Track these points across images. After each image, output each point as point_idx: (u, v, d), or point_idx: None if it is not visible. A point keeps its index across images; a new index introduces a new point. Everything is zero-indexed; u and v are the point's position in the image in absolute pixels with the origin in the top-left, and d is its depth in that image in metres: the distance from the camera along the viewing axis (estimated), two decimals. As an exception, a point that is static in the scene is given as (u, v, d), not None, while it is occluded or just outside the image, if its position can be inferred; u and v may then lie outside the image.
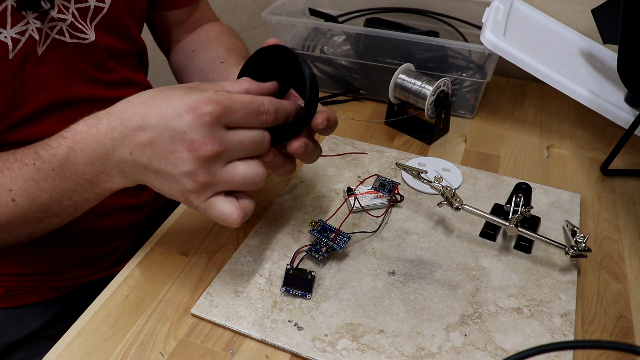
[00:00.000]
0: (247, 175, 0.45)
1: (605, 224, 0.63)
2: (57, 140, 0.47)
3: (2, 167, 0.48)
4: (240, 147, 0.44)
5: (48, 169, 0.46)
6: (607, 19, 0.78)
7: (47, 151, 0.47)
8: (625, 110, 0.74)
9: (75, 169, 0.46)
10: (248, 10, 1.21)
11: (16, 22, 0.53)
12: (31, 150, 0.48)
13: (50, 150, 0.47)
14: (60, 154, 0.46)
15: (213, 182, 0.44)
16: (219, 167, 0.44)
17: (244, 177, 0.45)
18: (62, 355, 0.48)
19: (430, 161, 0.72)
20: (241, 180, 0.44)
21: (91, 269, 0.70)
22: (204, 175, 0.43)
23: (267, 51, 0.51)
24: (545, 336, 0.49)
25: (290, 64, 0.50)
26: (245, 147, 0.44)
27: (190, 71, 0.75)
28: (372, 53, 0.86)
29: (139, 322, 0.50)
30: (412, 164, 0.70)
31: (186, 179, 0.43)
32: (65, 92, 0.60)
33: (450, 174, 0.69)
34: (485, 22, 0.77)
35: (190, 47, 0.76)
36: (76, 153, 0.46)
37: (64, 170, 0.46)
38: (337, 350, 0.47)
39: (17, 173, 0.47)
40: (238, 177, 0.44)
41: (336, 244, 0.55)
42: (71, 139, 0.46)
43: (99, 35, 0.61)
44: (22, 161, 0.47)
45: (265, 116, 0.45)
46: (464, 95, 0.84)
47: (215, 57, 0.71)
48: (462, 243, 0.59)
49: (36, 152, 0.48)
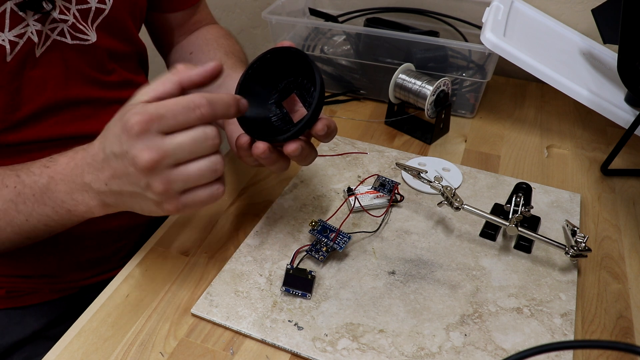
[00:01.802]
0: (202, 167, 0.44)
1: (605, 224, 0.63)
2: (39, 167, 0.49)
3: None
4: (181, 149, 0.43)
5: (28, 194, 0.48)
6: (607, 18, 0.78)
7: (29, 177, 0.49)
8: (625, 110, 0.74)
9: (55, 197, 0.48)
10: (248, 10, 1.21)
11: (15, 24, 0.53)
12: (13, 173, 0.49)
13: (32, 177, 0.49)
14: (41, 182, 0.48)
15: (171, 186, 0.43)
16: (170, 171, 0.43)
17: (198, 169, 0.44)
18: (62, 355, 0.48)
19: (430, 161, 0.72)
20: (197, 173, 0.43)
21: (93, 271, 0.70)
22: (158, 183, 0.42)
23: (281, 52, 0.50)
24: (545, 336, 0.49)
25: (301, 68, 0.50)
26: (187, 147, 0.43)
27: None
28: (372, 53, 0.86)
29: (139, 322, 0.50)
30: (412, 164, 0.70)
31: (149, 192, 0.43)
32: (64, 94, 0.60)
33: (450, 174, 0.69)
34: (485, 22, 0.77)
35: (188, 49, 0.76)
36: (57, 182, 0.48)
37: (43, 197, 0.48)
38: (337, 350, 0.47)
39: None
40: (193, 171, 0.43)
41: (336, 243, 0.55)
42: (52, 168, 0.48)
43: (100, 36, 0.61)
44: (2, 182, 0.49)
45: (199, 110, 0.43)
46: (464, 95, 0.84)
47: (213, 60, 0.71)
48: (462, 243, 0.59)
49: (18, 175, 0.49)
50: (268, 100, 0.53)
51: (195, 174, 0.43)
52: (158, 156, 0.42)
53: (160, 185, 0.42)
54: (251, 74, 0.51)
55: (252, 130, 0.49)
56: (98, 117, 0.65)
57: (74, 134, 0.62)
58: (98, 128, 0.64)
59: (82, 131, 0.63)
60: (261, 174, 0.70)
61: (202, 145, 0.43)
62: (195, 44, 0.76)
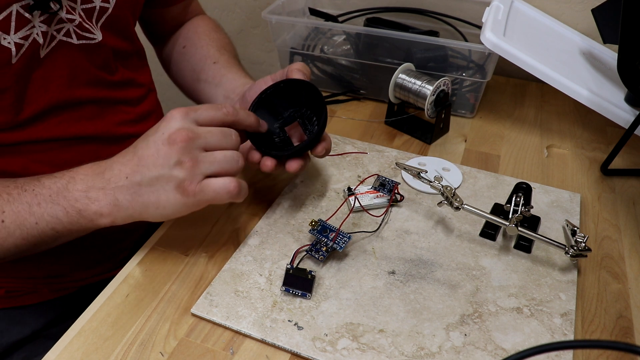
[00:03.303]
0: (227, 154, 0.50)
1: (605, 224, 0.63)
2: (62, 172, 0.52)
3: (1, 192, 0.51)
4: (211, 135, 0.50)
5: (45, 194, 0.50)
6: (607, 18, 0.78)
7: (49, 179, 0.51)
8: (625, 110, 0.74)
9: (70, 196, 0.50)
10: (248, 9, 1.21)
11: (20, 27, 0.53)
12: (34, 179, 0.52)
13: (52, 179, 0.51)
14: (61, 182, 0.51)
15: (198, 163, 0.49)
16: (199, 152, 0.49)
17: (223, 155, 0.50)
18: (62, 354, 0.48)
19: (430, 161, 0.72)
20: (222, 158, 0.50)
21: (93, 271, 0.70)
22: (188, 159, 0.48)
23: (294, 83, 0.58)
24: (545, 336, 0.49)
25: (308, 99, 0.58)
26: (216, 135, 0.50)
27: (183, 67, 0.78)
28: (372, 53, 0.86)
29: (139, 322, 0.50)
30: (412, 164, 0.70)
31: (176, 169, 0.48)
32: (68, 93, 0.60)
33: (450, 174, 0.69)
34: (485, 22, 0.77)
35: (181, 43, 0.78)
36: (76, 182, 0.50)
37: (59, 196, 0.50)
38: (337, 350, 0.47)
39: (14, 197, 0.50)
40: (219, 156, 0.50)
41: (336, 243, 0.55)
42: (75, 171, 0.51)
43: (105, 35, 0.62)
44: (22, 187, 0.51)
45: (225, 109, 0.52)
46: (464, 95, 0.84)
47: (207, 56, 0.75)
48: (462, 243, 0.59)
49: (39, 180, 0.51)
50: (273, 124, 0.60)
51: (220, 158, 0.50)
52: (193, 134, 0.49)
53: (189, 162, 0.48)
54: (264, 99, 0.59)
55: (260, 145, 0.56)
56: (102, 117, 0.65)
57: (78, 133, 0.62)
58: (102, 128, 0.65)
59: (87, 131, 0.63)
60: (261, 173, 0.70)
61: (227, 139, 0.51)
62: (188, 38, 0.78)
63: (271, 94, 0.59)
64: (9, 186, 0.51)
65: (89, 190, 0.50)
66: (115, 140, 0.66)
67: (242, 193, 0.51)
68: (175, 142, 0.48)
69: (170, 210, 0.50)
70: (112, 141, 0.66)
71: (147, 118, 0.71)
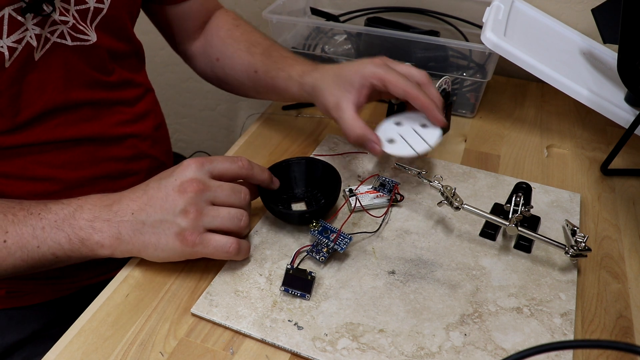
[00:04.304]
0: (231, 212, 0.52)
1: (605, 224, 0.63)
2: (69, 199, 0.52)
3: (7, 212, 0.51)
4: (221, 189, 0.52)
5: (50, 219, 0.51)
6: (607, 18, 0.78)
7: (56, 205, 0.52)
8: (625, 110, 0.74)
9: (75, 224, 0.51)
10: (248, 9, 1.21)
11: (13, 30, 0.53)
12: (41, 203, 0.52)
13: (59, 205, 0.52)
14: (68, 209, 0.51)
15: (202, 216, 0.50)
16: (206, 204, 0.51)
17: (227, 212, 0.52)
18: (62, 354, 0.48)
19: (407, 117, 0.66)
20: (226, 215, 0.52)
21: (94, 272, 0.70)
22: (193, 210, 0.50)
23: (314, 162, 0.64)
24: (545, 336, 0.49)
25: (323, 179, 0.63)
26: (225, 191, 0.52)
27: (230, 82, 0.77)
28: (373, 52, 0.86)
29: (139, 322, 0.50)
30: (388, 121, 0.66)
31: (180, 217, 0.50)
32: (64, 96, 0.60)
33: (427, 130, 0.64)
34: (485, 22, 0.77)
35: (213, 55, 0.77)
36: (83, 211, 0.51)
37: (64, 223, 0.51)
38: (337, 350, 0.47)
39: (20, 219, 0.51)
40: (223, 212, 0.52)
41: (337, 244, 0.55)
42: (83, 200, 0.52)
43: (100, 36, 0.61)
44: (28, 210, 0.52)
45: (240, 162, 0.55)
46: (464, 95, 0.84)
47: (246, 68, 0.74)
48: (462, 242, 0.59)
49: (45, 204, 0.52)
50: (281, 194, 0.62)
51: (224, 215, 0.52)
52: (203, 186, 0.51)
53: (194, 213, 0.50)
54: (284, 166, 0.63)
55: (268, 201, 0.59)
56: (99, 119, 0.65)
57: (75, 136, 0.62)
58: (100, 129, 0.65)
59: (84, 132, 0.63)
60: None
61: (237, 196, 0.53)
62: (216, 47, 0.76)
63: (289, 164, 0.63)
64: (14, 207, 0.52)
65: (94, 220, 0.51)
66: (113, 141, 0.66)
67: (241, 254, 0.53)
68: (185, 191, 0.50)
69: (167, 254, 0.51)
70: (110, 141, 0.66)
71: (145, 118, 0.71)
